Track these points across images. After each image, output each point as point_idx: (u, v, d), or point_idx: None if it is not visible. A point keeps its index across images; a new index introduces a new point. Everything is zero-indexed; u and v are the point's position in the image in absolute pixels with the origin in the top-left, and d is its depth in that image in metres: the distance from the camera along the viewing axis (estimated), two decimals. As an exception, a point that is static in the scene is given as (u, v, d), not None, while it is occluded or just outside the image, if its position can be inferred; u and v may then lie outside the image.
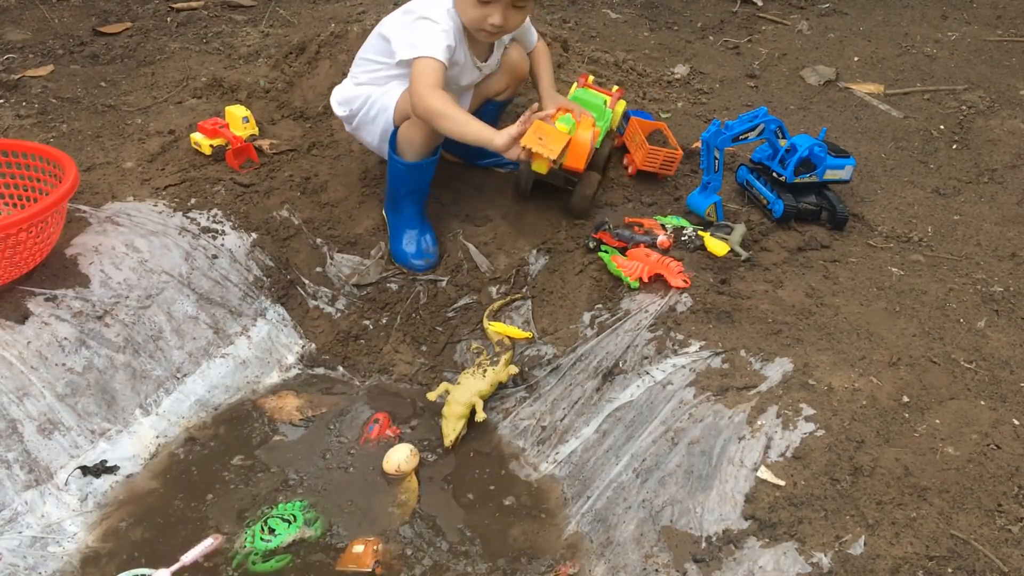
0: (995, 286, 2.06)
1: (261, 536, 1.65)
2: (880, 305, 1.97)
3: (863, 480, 1.50)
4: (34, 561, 1.59)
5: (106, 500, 1.73)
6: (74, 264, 1.92)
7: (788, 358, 1.77)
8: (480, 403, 1.89)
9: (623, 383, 1.87)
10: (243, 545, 1.64)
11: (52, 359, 1.78)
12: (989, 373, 1.76)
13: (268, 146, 2.45)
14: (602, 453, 1.79)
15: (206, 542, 1.63)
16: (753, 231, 2.21)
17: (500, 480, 1.82)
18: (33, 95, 2.71)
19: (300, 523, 1.68)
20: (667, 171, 2.38)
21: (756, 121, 2.20)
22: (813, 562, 1.39)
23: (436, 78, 1.93)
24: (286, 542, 1.65)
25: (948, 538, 1.40)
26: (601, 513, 1.68)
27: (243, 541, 1.65)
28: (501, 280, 2.18)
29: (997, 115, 2.88)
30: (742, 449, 1.60)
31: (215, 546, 1.63)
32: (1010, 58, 3.33)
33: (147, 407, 1.88)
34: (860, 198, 2.44)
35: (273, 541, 1.64)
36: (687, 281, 1.98)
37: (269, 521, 1.68)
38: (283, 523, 1.68)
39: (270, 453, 1.86)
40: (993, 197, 2.48)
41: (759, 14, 3.80)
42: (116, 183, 2.25)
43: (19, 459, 1.68)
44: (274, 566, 1.61)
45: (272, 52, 2.96)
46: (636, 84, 3.04)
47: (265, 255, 2.19)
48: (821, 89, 3.13)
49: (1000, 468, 1.52)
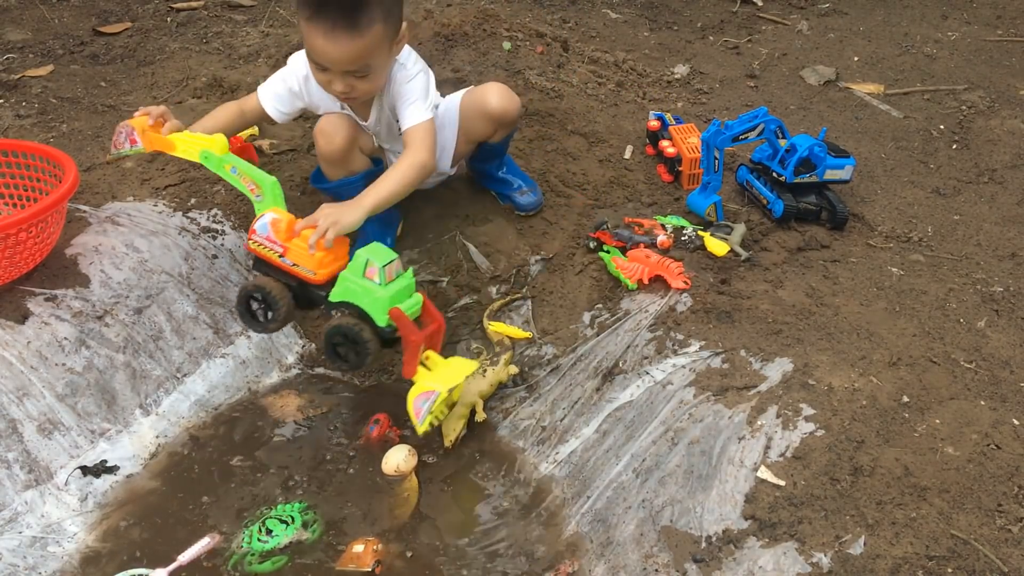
0: (995, 286, 2.06)
1: (259, 537, 1.65)
2: (880, 305, 1.97)
3: (863, 480, 1.50)
4: (34, 561, 1.59)
5: (106, 500, 1.73)
6: (74, 264, 1.92)
7: (788, 358, 1.77)
8: (480, 403, 1.89)
9: (623, 383, 1.87)
10: (240, 545, 1.64)
11: (52, 359, 1.78)
12: (989, 373, 1.76)
13: (268, 146, 2.45)
14: (602, 453, 1.79)
15: (203, 541, 1.63)
16: (753, 231, 2.21)
17: (500, 480, 1.82)
18: (33, 95, 2.71)
19: (298, 524, 1.68)
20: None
21: (756, 121, 2.20)
22: (813, 562, 1.39)
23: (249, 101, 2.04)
24: (283, 543, 1.64)
25: (948, 538, 1.40)
26: (601, 513, 1.68)
27: (240, 541, 1.65)
28: (501, 280, 2.18)
29: (997, 115, 2.88)
30: (742, 449, 1.60)
31: (212, 546, 1.63)
32: (1010, 58, 3.33)
33: (147, 407, 1.88)
34: (860, 198, 2.44)
35: (270, 542, 1.64)
36: (687, 282, 1.98)
37: (267, 522, 1.68)
38: (281, 524, 1.67)
39: (270, 453, 1.86)
40: (993, 197, 2.48)
41: (759, 14, 3.80)
42: (116, 183, 2.25)
43: (19, 459, 1.68)
44: (271, 567, 1.61)
45: (272, 52, 2.96)
46: (636, 84, 3.04)
47: (265, 255, 2.19)
48: (821, 89, 3.13)
49: (1000, 468, 1.52)
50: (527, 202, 2.28)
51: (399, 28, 1.86)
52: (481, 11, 3.19)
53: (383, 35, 1.79)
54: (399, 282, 1.74)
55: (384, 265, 1.70)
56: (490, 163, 2.28)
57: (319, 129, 2.01)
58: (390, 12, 1.79)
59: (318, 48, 1.79)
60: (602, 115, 2.75)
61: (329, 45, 1.76)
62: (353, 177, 2.07)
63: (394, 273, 1.74)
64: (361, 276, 1.72)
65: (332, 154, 2.02)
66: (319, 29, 1.75)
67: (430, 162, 1.93)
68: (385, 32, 1.79)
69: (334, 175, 2.08)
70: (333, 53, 1.78)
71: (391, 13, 1.80)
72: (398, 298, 1.73)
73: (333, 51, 1.77)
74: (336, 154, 2.01)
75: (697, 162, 2.34)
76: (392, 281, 1.73)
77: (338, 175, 2.07)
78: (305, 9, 1.76)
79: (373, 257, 1.72)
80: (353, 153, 2.05)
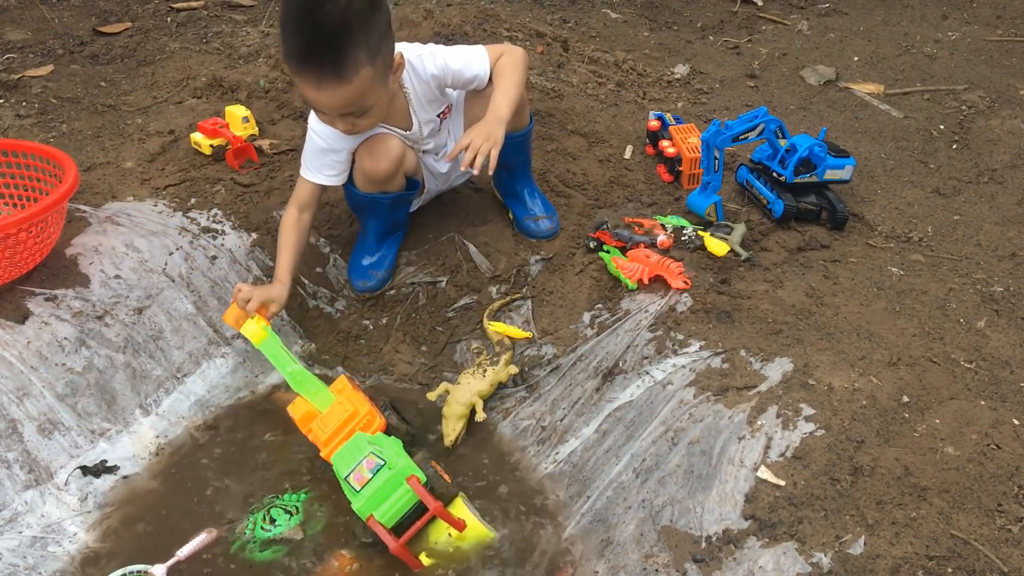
0: (995, 286, 2.06)
1: (262, 525, 1.67)
2: (880, 305, 1.97)
3: (863, 480, 1.50)
4: (34, 561, 1.59)
5: (106, 500, 1.73)
6: (74, 264, 1.92)
7: (788, 358, 1.77)
8: (480, 403, 1.89)
9: (623, 383, 1.87)
10: (243, 532, 1.66)
11: (52, 359, 1.78)
12: (989, 373, 1.76)
13: (268, 146, 2.45)
14: (602, 453, 1.79)
15: (200, 536, 1.64)
16: (753, 231, 2.21)
17: (500, 480, 1.81)
18: (33, 95, 2.72)
19: (301, 516, 1.69)
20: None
21: (756, 121, 2.20)
22: (813, 562, 1.39)
23: (295, 204, 2.05)
24: (285, 533, 1.65)
25: (948, 538, 1.40)
26: (601, 513, 1.68)
27: (244, 527, 1.67)
28: (501, 280, 2.18)
29: (997, 115, 2.88)
30: (742, 449, 1.60)
31: (209, 540, 1.64)
32: (1010, 58, 3.33)
33: (147, 407, 1.88)
34: (860, 198, 2.44)
35: (272, 531, 1.66)
36: (687, 282, 1.98)
37: (272, 511, 1.70)
38: (285, 514, 1.69)
39: (271, 453, 1.86)
40: (993, 197, 2.48)
41: (759, 14, 3.80)
42: (116, 183, 2.25)
43: (19, 459, 1.68)
44: (270, 556, 1.62)
45: (272, 52, 2.96)
46: (636, 84, 3.04)
47: (265, 255, 2.19)
48: (821, 89, 3.13)
49: (1000, 468, 1.52)
50: (540, 228, 2.23)
51: (390, 61, 1.82)
52: (481, 11, 3.19)
53: (372, 76, 1.74)
54: (375, 482, 1.58)
55: (348, 475, 1.60)
56: (513, 162, 2.18)
57: (367, 148, 1.98)
58: (377, 50, 1.74)
59: (310, 98, 1.78)
60: (602, 115, 2.75)
61: (320, 95, 1.75)
62: (385, 195, 2.08)
63: (368, 473, 1.60)
64: (342, 478, 1.64)
65: (376, 175, 2.01)
66: (307, 82, 1.73)
67: (516, 50, 2.02)
68: (374, 72, 1.74)
69: (367, 188, 2.07)
70: (325, 102, 1.77)
71: (379, 51, 1.74)
72: (375, 502, 1.58)
73: (325, 100, 1.76)
74: (380, 175, 2.01)
75: (697, 162, 2.34)
76: (365, 485, 1.59)
77: (370, 190, 2.07)
78: (290, 63, 1.73)
79: (340, 464, 1.64)
80: (397, 177, 2.05)
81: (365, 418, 1.77)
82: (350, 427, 1.75)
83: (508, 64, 1.99)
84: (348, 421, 1.76)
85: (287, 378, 1.87)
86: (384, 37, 1.77)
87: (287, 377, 1.87)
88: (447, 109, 2.08)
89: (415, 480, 1.59)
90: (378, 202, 2.09)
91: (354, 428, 1.75)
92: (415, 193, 2.16)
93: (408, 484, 1.58)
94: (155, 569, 1.57)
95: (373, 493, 1.58)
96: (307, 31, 1.67)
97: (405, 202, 2.16)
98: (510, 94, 1.95)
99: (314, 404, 1.82)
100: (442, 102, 2.06)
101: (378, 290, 2.19)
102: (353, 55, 1.69)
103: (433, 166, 2.16)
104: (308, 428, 1.80)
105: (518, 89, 1.98)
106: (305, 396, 1.84)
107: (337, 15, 1.64)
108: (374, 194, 2.07)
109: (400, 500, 1.59)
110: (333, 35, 1.65)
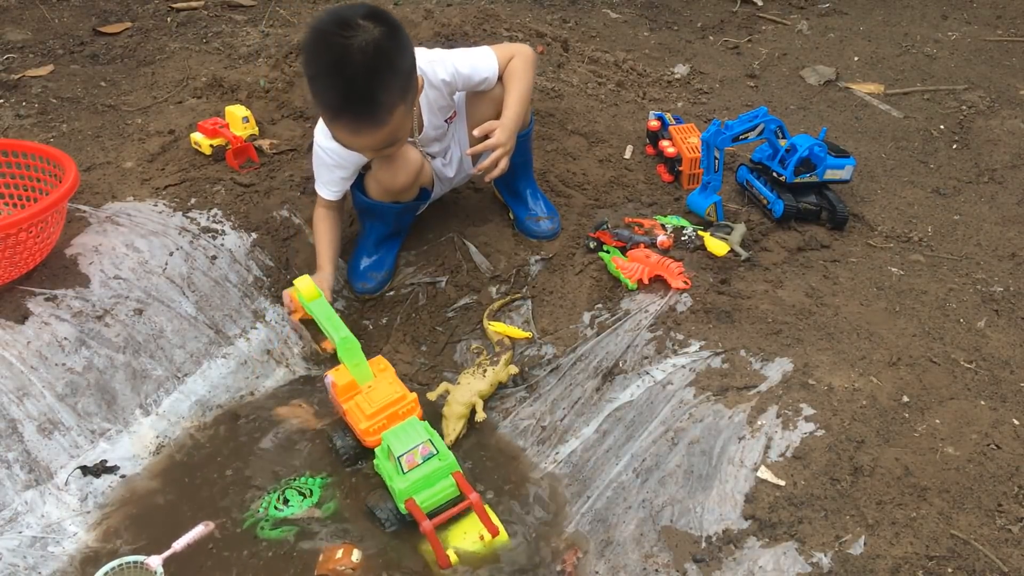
0: (995, 286, 2.06)
1: (275, 504, 1.70)
2: (880, 305, 1.97)
3: (863, 480, 1.50)
4: (34, 561, 1.59)
5: (106, 500, 1.73)
6: (74, 264, 1.92)
7: (788, 358, 1.77)
8: (480, 403, 1.89)
9: (623, 383, 1.87)
10: (258, 510, 1.69)
11: (52, 359, 1.78)
12: (989, 373, 1.76)
13: (268, 146, 2.45)
14: (602, 453, 1.79)
15: (197, 528, 1.65)
16: (753, 231, 2.21)
17: (500, 480, 1.81)
18: (33, 95, 2.72)
19: (315, 499, 1.72)
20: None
21: (756, 121, 2.20)
22: (813, 562, 1.39)
23: (321, 205, 2.11)
24: (298, 515, 1.68)
25: (948, 538, 1.40)
26: (601, 513, 1.68)
27: (259, 505, 1.70)
28: (501, 280, 2.18)
29: (997, 115, 2.88)
30: (742, 449, 1.60)
31: (206, 532, 1.65)
32: (1010, 58, 3.33)
33: (147, 407, 1.88)
34: (860, 198, 2.44)
35: (285, 511, 1.69)
36: (687, 282, 1.98)
37: (287, 492, 1.73)
38: (299, 496, 1.72)
39: (271, 453, 1.86)
40: (993, 197, 2.48)
41: (759, 14, 3.80)
42: (116, 183, 2.25)
43: (19, 459, 1.68)
44: (279, 535, 1.64)
45: (272, 52, 2.96)
46: (636, 84, 3.04)
47: (265, 255, 2.19)
48: (821, 89, 3.13)
49: (1000, 468, 1.52)
50: (542, 229, 2.24)
51: (416, 87, 1.82)
52: (481, 11, 3.19)
53: (405, 111, 1.77)
54: (424, 468, 1.65)
55: (402, 455, 1.63)
56: (514, 162, 2.13)
57: (386, 159, 1.98)
58: (406, 87, 1.74)
59: (345, 142, 1.81)
60: (602, 115, 2.75)
61: (356, 140, 1.78)
62: (396, 205, 2.10)
63: (419, 459, 1.65)
64: (387, 458, 1.68)
65: (393, 187, 2.03)
66: (344, 130, 1.76)
67: (524, 49, 2.03)
68: (406, 107, 1.76)
69: (380, 197, 2.08)
70: (360, 144, 1.80)
71: (407, 87, 1.75)
72: (418, 487, 1.64)
73: (360, 143, 1.79)
74: (397, 187, 2.03)
75: (697, 162, 2.34)
76: (414, 468, 1.65)
77: (384, 199, 2.08)
78: (325, 114, 1.75)
79: (395, 443, 1.65)
80: (413, 188, 2.07)
81: (411, 403, 1.80)
82: (394, 409, 1.77)
83: (520, 68, 2.00)
84: (396, 402, 1.78)
85: (338, 343, 1.80)
86: (411, 73, 1.77)
87: (338, 342, 1.80)
88: (453, 114, 2.09)
89: (460, 475, 1.68)
90: (387, 209, 2.11)
91: (398, 411, 1.77)
92: (425, 203, 2.17)
93: (453, 478, 1.67)
94: (151, 560, 1.57)
95: (420, 478, 1.65)
96: (340, 85, 1.68)
97: (413, 210, 2.18)
98: (524, 100, 1.99)
99: (354, 376, 1.82)
100: (450, 107, 2.07)
101: (377, 292, 2.20)
102: (387, 100, 1.70)
103: (440, 171, 2.17)
104: (348, 397, 1.81)
105: (529, 94, 2.01)
106: (348, 366, 1.83)
107: (366, 64, 1.65)
108: (386, 204, 2.08)
109: (440, 492, 1.66)
110: (366, 85, 1.66)
